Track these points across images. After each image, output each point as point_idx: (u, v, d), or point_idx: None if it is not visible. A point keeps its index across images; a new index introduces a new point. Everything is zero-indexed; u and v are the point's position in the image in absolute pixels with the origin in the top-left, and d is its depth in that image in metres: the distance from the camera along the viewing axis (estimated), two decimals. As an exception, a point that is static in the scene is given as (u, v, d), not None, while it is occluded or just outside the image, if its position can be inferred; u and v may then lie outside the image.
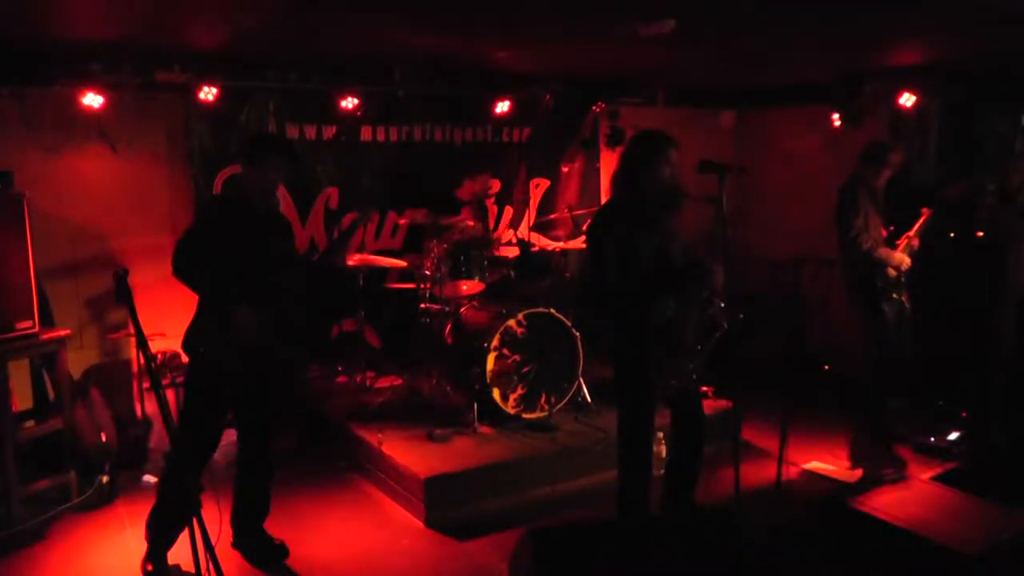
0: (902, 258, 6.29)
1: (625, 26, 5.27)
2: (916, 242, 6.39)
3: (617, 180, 4.63)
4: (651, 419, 4.61)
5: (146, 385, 6.59)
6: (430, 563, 4.89)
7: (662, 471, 4.97)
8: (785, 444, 4.88)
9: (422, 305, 6.74)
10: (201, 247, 4.29)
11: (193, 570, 3.31)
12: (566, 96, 8.20)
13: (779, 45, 6.35)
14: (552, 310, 6.35)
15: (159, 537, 4.51)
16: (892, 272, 6.29)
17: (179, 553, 4.35)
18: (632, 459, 4.65)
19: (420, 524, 5.31)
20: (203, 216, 4.76)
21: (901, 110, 7.53)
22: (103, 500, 5.62)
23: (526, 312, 6.26)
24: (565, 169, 8.72)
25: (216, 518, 3.91)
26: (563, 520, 5.21)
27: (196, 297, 4.44)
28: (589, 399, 6.51)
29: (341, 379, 7.36)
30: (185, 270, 4.26)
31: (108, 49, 6.05)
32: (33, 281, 5.30)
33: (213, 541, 3.33)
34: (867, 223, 6.23)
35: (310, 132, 7.38)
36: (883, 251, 6.24)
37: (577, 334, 6.37)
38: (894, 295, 6.33)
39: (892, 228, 6.35)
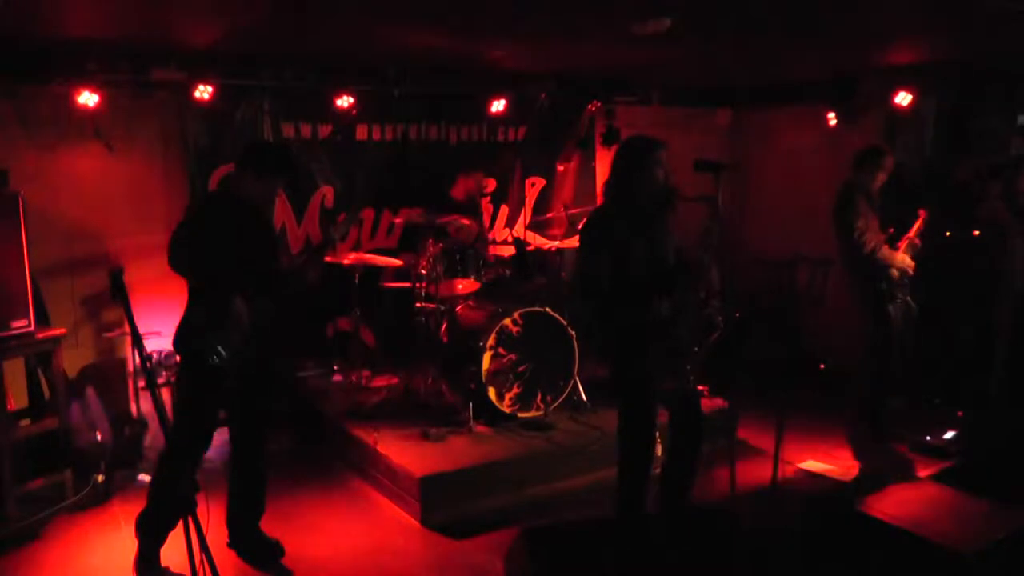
0: (904, 259, 6.28)
1: (621, 25, 5.27)
2: (917, 242, 6.38)
3: (609, 188, 4.65)
4: (651, 419, 4.61)
5: (141, 384, 6.58)
6: (426, 562, 4.89)
7: (659, 470, 4.97)
8: (781, 443, 4.89)
9: (418, 304, 6.73)
10: (197, 239, 4.28)
11: (186, 570, 3.29)
12: (562, 95, 8.20)
13: (775, 44, 6.36)
14: (548, 309, 6.35)
15: (151, 537, 4.50)
16: (895, 274, 6.27)
17: (175, 553, 4.34)
18: (632, 459, 4.65)
19: (416, 523, 5.31)
20: (199, 211, 4.73)
21: (897, 109, 7.54)
22: (98, 499, 5.61)
23: (522, 311, 6.25)
24: (561, 168, 8.73)
25: (211, 518, 3.89)
26: (559, 519, 5.20)
27: (192, 295, 4.44)
28: (585, 398, 6.50)
29: (336, 378, 7.36)
30: (181, 260, 4.25)
31: (104, 47, 6.03)
32: (28, 280, 5.29)
33: (207, 540, 3.32)
34: (867, 226, 6.22)
35: (306, 131, 7.38)
36: (886, 252, 6.23)
37: (573, 333, 6.37)
38: (899, 296, 6.32)
39: (892, 230, 6.35)
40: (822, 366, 8.15)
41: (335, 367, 7.42)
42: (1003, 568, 4.23)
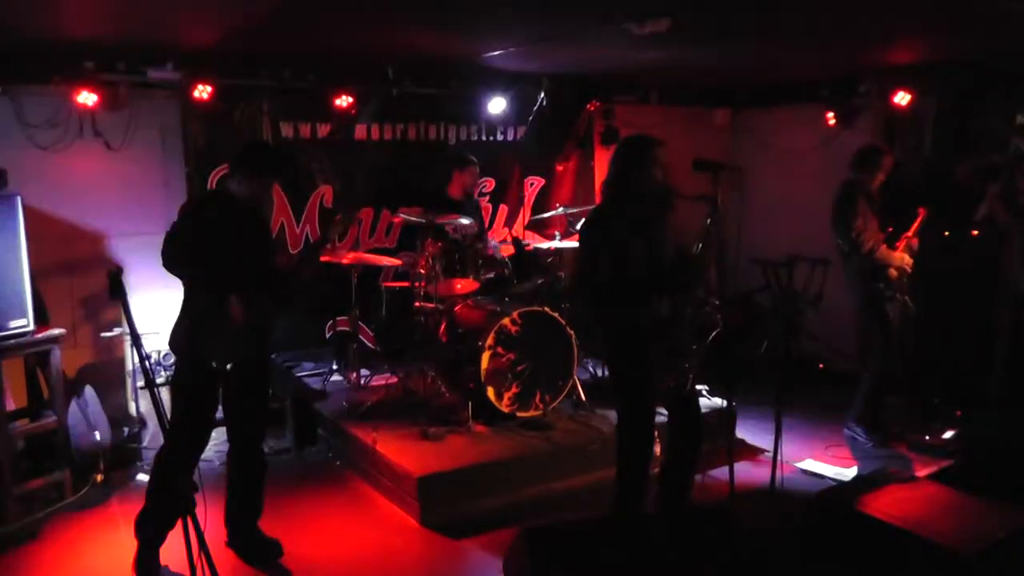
0: (903, 257, 6.28)
1: (620, 25, 5.26)
2: (915, 242, 6.38)
3: (608, 187, 4.64)
4: (650, 419, 4.61)
5: (140, 383, 6.58)
6: (424, 562, 4.89)
7: (658, 470, 4.96)
8: (780, 443, 4.89)
9: (416, 303, 6.72)
10: (195, 239, 4.28)
11: (185, 569, 3.28)
12: (560, 95, 8.19)
13: (774, 44, 6.36)
14: (546, 308, 6.34)
15: (150, 536, 4.50)
16: (894, 273, 6.26)
17: (174, 553, 4.34)
18: (630, 458, 4.65)
19: (414, 523, 5.30)
20: (194, 210, 4.71)
21: (896, 109, 7.54)
22: (97, 499, 5.61)
23: (520, 311, 6.25)
24: (559, 168, 8.73)
25: (209, 518, 3.89)
26: (558, 519, 5.20)
27: (190, 295, 4.44)
28: (584, 397, 6.50)
29: (335, 377, 7.35)
30: (175, 258, 4.25)
31: (103, 47, 6.03)
32: (27, 279, 5.29)
33: (206, 540, 3.32)
34: (866, 226, 6.21)
35: (304, 131, 7.38)
36: (884, 251, 6.22)
37: (571, 332, 6.36)
38: (898, 296, 6.31)
39: (891, 229, 6.34)
40: (821, 366, 8.15)
41: (334, 367, 7.42)
42: (1003, 568, 4.22)
